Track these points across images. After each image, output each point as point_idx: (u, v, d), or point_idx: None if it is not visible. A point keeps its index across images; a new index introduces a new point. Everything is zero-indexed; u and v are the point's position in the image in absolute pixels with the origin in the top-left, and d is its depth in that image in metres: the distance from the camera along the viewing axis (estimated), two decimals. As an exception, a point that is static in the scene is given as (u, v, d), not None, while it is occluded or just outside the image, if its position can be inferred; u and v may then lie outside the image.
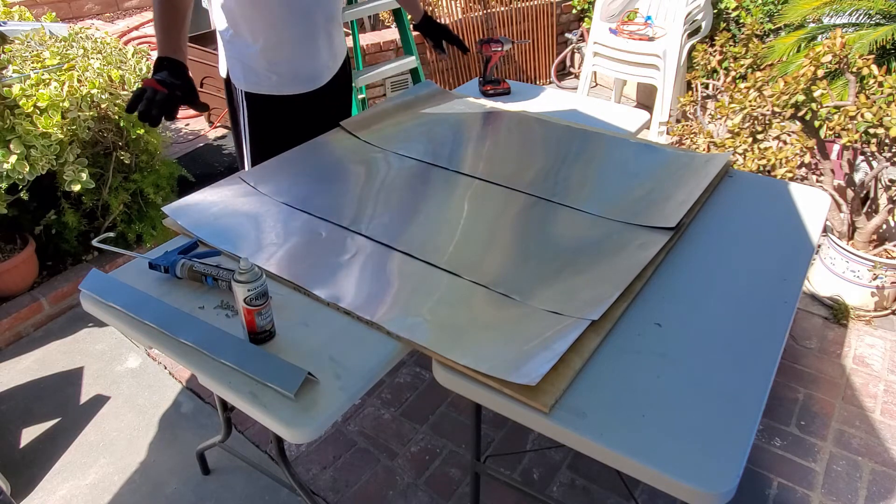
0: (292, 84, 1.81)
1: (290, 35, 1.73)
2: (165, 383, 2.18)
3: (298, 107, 1.85)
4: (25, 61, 2.39)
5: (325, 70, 1.87)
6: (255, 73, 1.76)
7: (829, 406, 2.07)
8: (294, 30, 1.73)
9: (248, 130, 1.85)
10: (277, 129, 1.86)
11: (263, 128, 1.85)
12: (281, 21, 1.69)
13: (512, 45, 2.90)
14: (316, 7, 1.74)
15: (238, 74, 1.77)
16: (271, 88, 1.79)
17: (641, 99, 4.44)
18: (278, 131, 1.86)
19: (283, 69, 1.77)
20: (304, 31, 1.75)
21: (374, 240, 1.42)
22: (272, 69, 1.76)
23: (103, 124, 2.40)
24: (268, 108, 1.82)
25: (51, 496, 1.81)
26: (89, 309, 1.28)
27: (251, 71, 1.76)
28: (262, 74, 1.76)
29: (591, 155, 1.80)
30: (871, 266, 2.37)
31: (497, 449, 1.93)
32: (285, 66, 1.77)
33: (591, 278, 1.28)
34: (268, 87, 1.79)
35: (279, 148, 1.78)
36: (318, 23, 1.77)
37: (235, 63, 1.76)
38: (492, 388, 1.04)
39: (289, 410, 1.01)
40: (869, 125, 2.20)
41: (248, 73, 1.76)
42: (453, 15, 4.16)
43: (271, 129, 1.86)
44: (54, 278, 2.55)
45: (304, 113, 1.87)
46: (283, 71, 1.77)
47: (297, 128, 1.87)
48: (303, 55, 1.78)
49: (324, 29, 1.79)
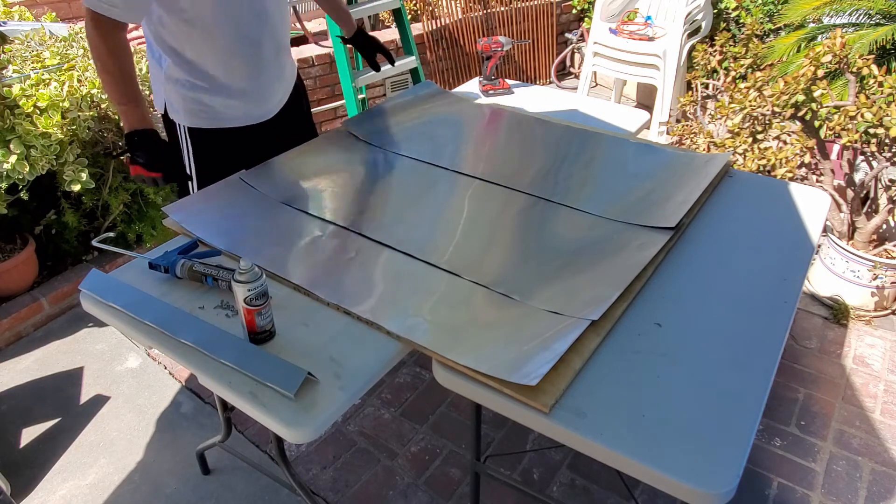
0: (242, 117, 1.70)
1: (237, 65, 1.61)
2: (165, 383, 2.18)
3: (249, 139, 1.74)
4: (25, 61, 2.39)
5: (276, 100, 1.77)
6: (200, 107, 1.63)
7: (829, 406, 2.06)
8: (242, 59, 1.61)
9: (194, 167, 1.72)
10: (227, 163, 1.71)
11: (211, 164, 1.72)
12: (227, 51, 1.57)
13: (512, 45, 2.90)
14: (265, 35, 1.62)
15: (178, 109, 1.64)
16: (218, 122, 1.67)
17: (641, 99, 4.44)
18: (228, 166, 1.70)
19: (231, 102, 1.65)
20: (252, 60, 1.63)
21: (374, 240, 1.42)
22: (219, 102, 1.64)
23: (103, 124, 2.40)
24: (215, 142, 1.69)
25: (51, 496, 1.81)
26: (89, 309, 1.28)
27: (195, 104, 1.62)
28: (207, 108, 1.63)
29: (591, 155, 1.80)
30: (871, 266, 2.37)
31: (497, 449, 1.93)
32: (233, 99, 1.65)
33: (591, 278, 1.28)
34: (214, 120, 1.66)
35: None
36: (268, 52, 1.65)
37: (175, 97, 1.62)
38: (492, 388, 1.04)
39: (289, 410, 1.01)
40: (869, 125, 2.20)
41: (190, 107, 1.62)
42: (453, 15, 4.16)
43: (220, 164, 1.71)
44: (54, 278, 2.55)
45: (255, 145, 1.76)
46: (231, 104, 1.65)
47: (248, 161, 1.73)
48: (252, 86, 1.67)
49: (274, 58, 1.69)
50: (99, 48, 1.40)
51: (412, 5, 4.17)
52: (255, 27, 1.59)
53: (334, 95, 3.77)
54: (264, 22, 1.60)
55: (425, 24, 4.05)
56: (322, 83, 3.72)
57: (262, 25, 1.60)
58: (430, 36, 4.08)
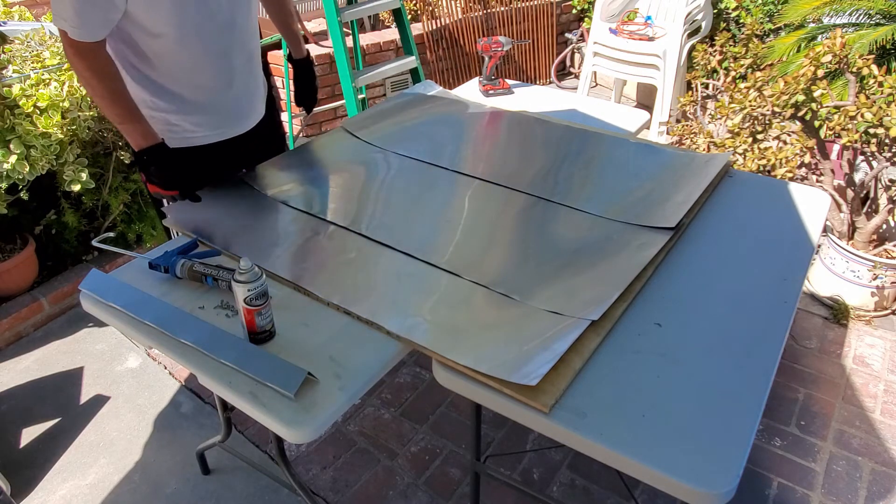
0: (214, 133, 1.62)
1: (206, 80, 1.53)
2: (165, 383, 2.18)
3: (222, 154, 1.67)
4: (25, 61, 2.39)
5: (250, 112, 1.69)
6: (167, 127, 1.54)
7: (829, 406, 2.06)
8: (211, 74, 1.53)
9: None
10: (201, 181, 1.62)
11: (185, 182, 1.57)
12: (196, 66, 1.49)
13: (512, 45, 2.90)
14: (234, 47, 1.54)
15: None
16: (187, 141, 1.59)
17: (641, 99, 4.44)
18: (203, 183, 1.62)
19: (200, 118, 1.57)
20: (221, 74, 1.55)
21: (374, 240, 1.42)
22: (187, 121, 1.56)
23: (103, 124, 2.40)
24: (187, 160, 1.57)
25: (51, 496, 1.81)
26: (89, 309, 1.28)
27: (162, 125, 1.53)
28: (173, 127, 1.55)
29: (591, 155, 1.80)
30: (871, 266, 2.37)
31: (497, 449, 1.93)
32: (203, 115, 1.57)
33: (591, 278, 1.28)
34: (183, 139, 1.58)
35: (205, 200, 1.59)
36: (237, 63, 1.57)
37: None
38: (492, 388, 1.04)
39: (289, 410, 1.01)
40: (869, 125, 2.20)
41: (158, 127, 1.50)
42: (453, 15, 4.16)
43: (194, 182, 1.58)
44: (54, 278, 2.55)
45: (229, 160, 1.70)
46: (200, 120, 1.57)
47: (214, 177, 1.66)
48: (222, 100, 1.59)
49: (244, 69, 1.61)
50: (81, 71, 1.35)
51: (412, 5, 4.17)
52: (223, 38, 1.51)
53: (334, 95, 3.77)
54: (232, 32, 1.53)
55: (425, 24, 4.05)
56: (322, 83, 3.72)
57: (231, 36, 1.53)
58: (430, 36, 4.08)
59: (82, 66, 1.34)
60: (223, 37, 1.51)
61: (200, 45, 1.47)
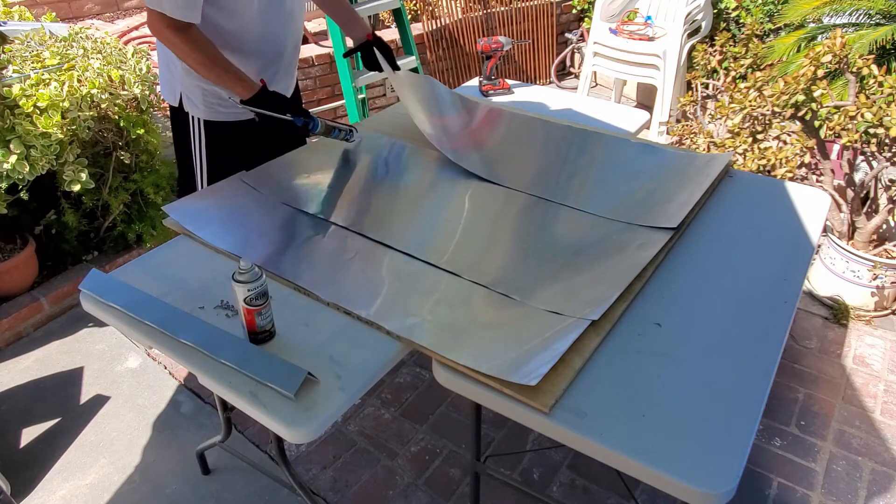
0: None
1: (262, 63, 1.69)
2: (165, 383, 2.18)
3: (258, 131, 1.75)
4: (25, 61, 2.39)
5: (288, 93, 1.84)
6: (219, 101, 1.70)
7: (829, 406, 2.06)
8: (266, 58, 1.69)
9: (206, 158, 1.79)
10: (236, 154, 1.80)
11: (222, 154, 1.80)
12: (254, 49, 1.65)
13: (512, 45, 2.90)
14: (287, 34, 1.71)
15: (196, 103, 1.71)
16: (236, 115, 1.73)
17: (641, 99, 4.44)
18: (237, 157, 1.79)
19: None
20: (274, 59, 1.71)
21: (375, 240, 1.42)
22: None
23: (103, 124, 2.40)
24: (228, 134, 1.77)
25: (51, 496, 1.81)
26: (89, 309, 1.28)
27: (214, 97, 1.69)
28: (226, 102, 1.70)
29: (591, 155, 1.80)
30: (871, 266, 2.37)
31: (497, 449, 1.93)
32: None
33: (592, 278, 1.28)
34: (232, 114, 1.73)
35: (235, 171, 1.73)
36: (288, 49, 1.74)
37: (195, 91, 1.69)
38: (492, 388, 1.04)
39: (289, 410, 1.01)
40: (869, 125, 2.20)
41: (210, 100, 1.70)
42: (453, 15, 4.16)
43: (230, 155, 1.79)
44: (54, 278, 2.55)
45: (263, 136, 1.81)
46: None
47: (256, 152, 1.80)
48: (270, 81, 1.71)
49: (291, 55, 1.77)
50: (180, 45, 1.47)
51: (412, 5, 4.17)
52: (283, 24, 1.68)
53: (334, 95, 3.77)
54: (290, 20, 1.70)
55: (425, 24, 4.05)
56: (322, 83, 3.72)
57: (288, 23, 1.70)
58: (430, 36, 4.08)
59: (180, 41, 1.46)
60: (283, 23, 1.67)
61: (265, 27, 1.62)
